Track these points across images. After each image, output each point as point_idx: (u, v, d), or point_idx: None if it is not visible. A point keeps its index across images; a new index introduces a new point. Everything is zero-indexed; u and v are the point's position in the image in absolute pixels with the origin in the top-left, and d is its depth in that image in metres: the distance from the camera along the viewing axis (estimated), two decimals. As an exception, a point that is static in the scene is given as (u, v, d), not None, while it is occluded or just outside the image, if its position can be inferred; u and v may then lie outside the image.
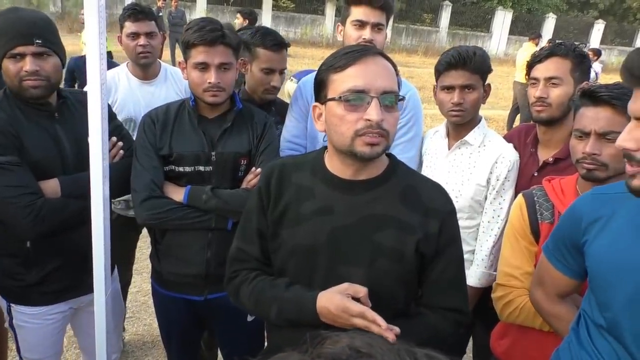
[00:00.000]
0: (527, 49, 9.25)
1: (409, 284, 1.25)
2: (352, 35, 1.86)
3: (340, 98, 1.13)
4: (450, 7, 21.87)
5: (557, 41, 1.98)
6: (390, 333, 1.00)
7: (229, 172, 1.80)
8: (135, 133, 1.86)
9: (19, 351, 1.90)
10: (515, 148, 1.88)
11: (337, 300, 1.10)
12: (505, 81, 13.55)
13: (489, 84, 1.88)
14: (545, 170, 1.80)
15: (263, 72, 2.09)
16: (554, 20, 22.58)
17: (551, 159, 1.81)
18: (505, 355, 1.66)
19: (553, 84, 1.77)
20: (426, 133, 2.08)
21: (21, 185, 1.58)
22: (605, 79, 11.82)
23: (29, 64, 1.58)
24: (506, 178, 1.82)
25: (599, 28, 22.76)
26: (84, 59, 3.73)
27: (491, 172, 1.83)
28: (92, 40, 1.44)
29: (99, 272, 1.64)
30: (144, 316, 3.24)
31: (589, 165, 1.43)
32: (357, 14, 1.85)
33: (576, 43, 1.86)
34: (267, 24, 16.67)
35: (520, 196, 1.62)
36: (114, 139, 1.82)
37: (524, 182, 1.82)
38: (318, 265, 1.22)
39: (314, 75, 1.27)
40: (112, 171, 1.63)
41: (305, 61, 13.93)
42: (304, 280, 1.23)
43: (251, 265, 1.34)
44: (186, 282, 1.83)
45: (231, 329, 1.94)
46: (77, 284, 1.82)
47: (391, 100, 1.14)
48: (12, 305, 1.81)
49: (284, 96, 3.43)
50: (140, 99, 2.45)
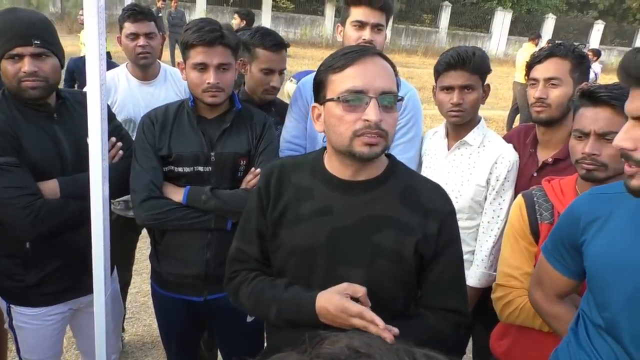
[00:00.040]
0: (527, 50, 9.26)
1: (408, 285, 1.24)
2: (352, 36, 1.86)
3: (339, 98, 1.13)
4: (450, 7, 21.87)
5: (556, 42, 1.99)
6: (388, 333, 1.00)
7: (228, 172, 1.80)
8: (135, 134, 1.86)
9: (18, 352, 1.90)
10: (514, 148, 1.88)
11: (335, 300, 1.10)
12: (505, 81, 13.56)
13: (488, 85, 1.89)
14: (544, 171, 1.80)
15: (262, 73, 2.09)
16: (554, 21, 22.58)
17: (551, 159, 1.81)
18: (505, 356, 1.66)
19: (552, 84, 1.77)
20: (426, 133, 2.08)
21: (20, 186, 1.58)
22: (605, 79, 11.81)
23: (27, 65, 1.58)
24: (506, 178, 1.82)
25: (598, 28, 22.76)
26: (83, 59, 3.72)
27: (491, 173, 1.83)
28: (92, 41, 1.44)
29: (99, 272, 1.65)
30: (143, 317, 3.24)
31: (588, 165, 1.43)
32: (356, 14, 1.85)
33: (576, 43, 1.86)
34: (267, 24, 16.66)
35: (519, 196, 1.62)
36: (114, 139, 1.82)
37: (523, 183, 1.82)
38: (317, 265, 1.22)
39: (313, 75, 1.27)
40: (111, 172, 1.63)
41: (305, 62, 13.93)
42: (303, 280, 1.23)
43: (251, 265, 1.33)
44: (186, 283, 1.83)
45: (231, 329, 1.94)
46: (76, 284, 1.82)
47: (390, 100, 1.14)
48: (11, 306, 1.81)
49: (283, 97, 3.43)
50: (139, 99, 2.45)
